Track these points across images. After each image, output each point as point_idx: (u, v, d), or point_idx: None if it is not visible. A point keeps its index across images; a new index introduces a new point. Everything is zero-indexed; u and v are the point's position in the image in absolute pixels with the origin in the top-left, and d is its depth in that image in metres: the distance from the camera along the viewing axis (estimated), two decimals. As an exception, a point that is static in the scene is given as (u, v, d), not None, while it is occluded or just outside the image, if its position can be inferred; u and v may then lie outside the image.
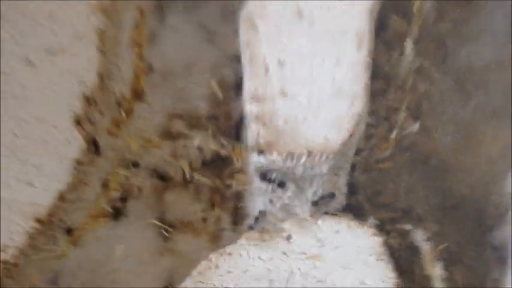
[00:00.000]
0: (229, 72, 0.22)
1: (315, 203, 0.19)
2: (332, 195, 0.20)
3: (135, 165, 0.22)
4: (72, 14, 0.19)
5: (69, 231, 0.18)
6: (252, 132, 0.19)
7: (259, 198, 0.20)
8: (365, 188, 0.21)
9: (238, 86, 0.21)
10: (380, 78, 0.22)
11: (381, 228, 0.18)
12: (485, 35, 0.21)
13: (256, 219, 0.22)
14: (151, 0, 0.22)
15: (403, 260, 0.17)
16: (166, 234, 0.19)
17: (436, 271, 0.17)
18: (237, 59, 0.21)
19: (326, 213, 0.20)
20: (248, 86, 0.20)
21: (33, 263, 0.19)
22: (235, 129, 0.21)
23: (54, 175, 0.18)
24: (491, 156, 0.21)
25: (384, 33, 0.21)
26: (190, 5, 0.24)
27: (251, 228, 0.21)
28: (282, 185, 0.20)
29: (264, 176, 0.20)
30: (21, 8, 0.19)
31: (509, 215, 0.19)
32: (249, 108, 0.20)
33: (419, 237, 0.18)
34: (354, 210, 0.21)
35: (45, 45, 0.19)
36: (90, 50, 0.19)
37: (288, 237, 0.18)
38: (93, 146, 0.19)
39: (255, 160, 0.19)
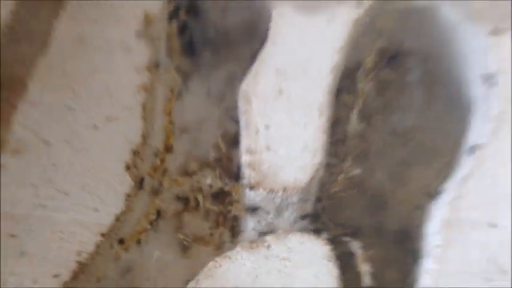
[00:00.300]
0: (231, 128, 0.30)
1: (290, 223, 0.27)
2: (302, 217, 0.28)
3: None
4: (124, 93, 0.27)
5: (121, 240, 0.26)
6: (246, 174, 0.27)
7: (250, 219, 0.27)
8: (326, 212, 0.29)
9: (237, 139, 0.29)
10: (337, 134, 0.30)
11: (332, 239, 0.26)
12: (409, 106, 0.29)
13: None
14: (179, 78, 0.30)
15: (344, 262, 0.24)
16: (186, 244, 0.27)
17: (365, 268, 0.24)
18: (236, 119, 0.29)
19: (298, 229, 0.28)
20: (244, 143, 0.27)
21: (97, 263, 0.26)
22: (235, 171, 0.28)
23: (112, 204, 0.26)
24: (416, 191, 0.29)
25: (338, 105, 0.28)
26: (203, 74, 0.32)
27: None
28: (266, 210, 0.28)
29: (254, 209, 0.27)
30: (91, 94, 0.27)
31: (424, 229, 0.27)
32: (244, 158, 0.27)
33: (356, 245, 0.25)
34: (318, 227, 0.29)
35: (105, 114, 0.27)
36: (136, 118, 0.27)
37: (268, 246, 0.25)
38: (139, 183, 0.27)
39: (248, 194, 0.27)
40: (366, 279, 0.24)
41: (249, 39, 0.32)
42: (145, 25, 0.29)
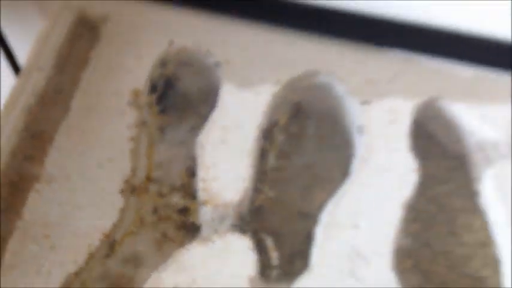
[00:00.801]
0: (191, 164, 0.43)
1: (228, 226, 0.39)
2: (237, 222, 0.40)
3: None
4: (120, 142, 0.40)
5: (115, 241, 0.39)
6: (200, 196, 0.40)
7: (203, 225, 0.40)
8: (253, 219, 0.42)
9: (195, 172, 0.42)
10: (261, 167, 0.43)
11: (254, 237, 0.39)
12: (308, 149, 0.43)
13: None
14: (157, 132, 0.43)
15: (261, 251, 0.37)
16: (160, 242, 0.39)
17: (274, 255, 0.37)
18: (195, 159, 0.42)
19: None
20: (199, 174, 0.40)
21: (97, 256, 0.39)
22: (193, 194, 0.41)
23: (111, 215, 0.38)
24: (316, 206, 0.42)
25: (262, 149, 0.42)
26: (174, 128, 0.45)
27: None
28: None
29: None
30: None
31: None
32: (199, 185, 0.40)
33: (270, 240, 0.38)
34: (247, 229, 0.41)
35: (107, 157, 0.39)
36: (127, 159, 0.40)
37: (213, 242, 0.38)
38: (128, 201, 0.39)
39: (201, 208, 0.40)
40: (274, 261, 0.37)
41: (205, 103, 0.46)
42: (134, 97, 0.43)
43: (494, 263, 0.39)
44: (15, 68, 0.58)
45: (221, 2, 0.47)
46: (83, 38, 0.47)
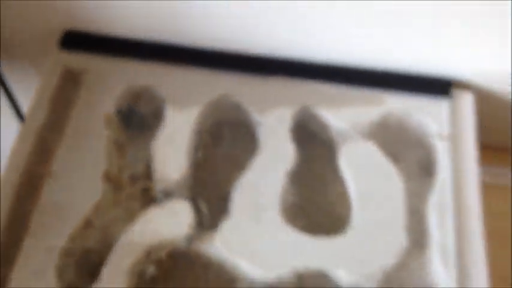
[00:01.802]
0: (150, 160, 0.60)
1: (175, 198, 0.57)
2: (178, 194, 0.57)
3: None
4: (100, 149, 0.59)
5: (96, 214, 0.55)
6: (155, 179, 0.57)
7: (158, 198, 0.57)
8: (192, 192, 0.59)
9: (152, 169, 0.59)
10: (195, 160, 0.62)
11: (193, 204, 0.56)
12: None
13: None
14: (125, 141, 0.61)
15: (198, 214, 0.57)
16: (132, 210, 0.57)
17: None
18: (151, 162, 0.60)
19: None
20: (157, 169, 0.57)
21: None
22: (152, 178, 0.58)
23: (95, 195, 0.56)
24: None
25: (195, 150, 0.62)
26: (136, 137, 0.63)
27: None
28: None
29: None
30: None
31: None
32: (156, 175, 0.55)
33: (204, 205, 0.57)
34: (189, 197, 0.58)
35: (93, 160, 0.58)
36: (105, 161, 0.59)
37: (166, 207, 0.56)
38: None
39: (158, 186, 0.57)
40: (205, 215, 0.56)
41: (156, 121, 0.59)
42: (107, 121, 0.60)
43: (348, 206, 0.58)
44: (21, 117, 0.72)
45: (165, 54, 0.66)
46: (68, 86, 0.65)
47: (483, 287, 0.51)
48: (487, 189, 0.56)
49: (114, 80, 0.60)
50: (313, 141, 0.60)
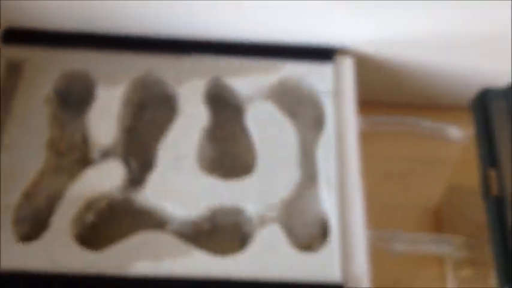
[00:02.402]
0: (86, 131, 0.72)
1: (109, 158, 0.68)
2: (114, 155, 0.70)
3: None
4: (43, 124, 0.69)
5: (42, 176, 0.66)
6: (92, 145, 0.69)
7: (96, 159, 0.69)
8: (123, 152, 0.72)
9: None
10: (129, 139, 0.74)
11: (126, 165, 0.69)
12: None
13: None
14: (65, 117, 0.73)
15: (128, 168, 0.68)
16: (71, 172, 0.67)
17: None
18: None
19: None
20: (90, 135, 0.70)
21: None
22: (89, 144, 0.70)
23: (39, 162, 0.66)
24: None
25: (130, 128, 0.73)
26: (73, 113, 0.75)
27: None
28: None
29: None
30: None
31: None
32: (91, 141, 0.70)
33: (133, 161, 0.69)
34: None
35: (38, 132, 0.69)
36: (48, 133, 0.69)
37: (101, 166, 0.67)
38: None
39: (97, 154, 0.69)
40: (135, 171, 0.67)
41: (88, 98, 0.65)
42: (47, 100, 0.70)
43: (254, 155, 0.70)
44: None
45: (94, 42, 0.76)
46: (13, 74, 0.72)
47: (358, 206, 0.64)
48: (364, 135, 0.70)
49: (51, 67, 0.67)
50: (223, 105, 0.70)
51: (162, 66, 0.69)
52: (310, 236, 0.62)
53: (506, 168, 0.53)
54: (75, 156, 0.66)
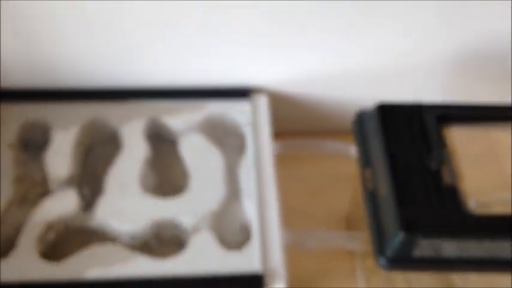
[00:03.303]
0: (44, 170, 0.85)
1: (65, 188, 0.81)
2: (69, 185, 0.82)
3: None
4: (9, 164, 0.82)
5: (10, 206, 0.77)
6: (50, 179, 0.82)
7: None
8: (78, 182, 0.85)
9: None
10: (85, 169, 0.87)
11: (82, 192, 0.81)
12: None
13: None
14: (25, 159, 0.85)
15: (82, 195, 0.81)
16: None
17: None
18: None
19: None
20: (48, 173, 0.83)
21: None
22: (47, 181, 0.83)
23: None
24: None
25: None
26: (33, 156, 0.88)
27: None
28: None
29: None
30: None
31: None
32: (49, 177, 0.82)
33: (86, 189, 0.82)
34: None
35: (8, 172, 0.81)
36: (14, 172, 0.82)
37: (58, 195, 0.80)
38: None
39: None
40: (88, 197, 0.80)
41: (46, 142, 0.87)
42: (11, 147, 0.83)
43: (187, 178, 0.84)
44: None
45: (48, 95, 0.90)
46: None
47: (275, 213, 0.78)
48: (281, 158, 0.84)
49: (13, 118, 0.77)
50: (161, 140, 0.79)
51: (107, 111, 0.78)
52: (236, 239, 0.75)
53: (377, 168, 0.69)
54: (38, 191, 0.74)
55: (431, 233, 0.54)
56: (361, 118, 0.74)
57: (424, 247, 0.55)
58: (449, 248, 0.54)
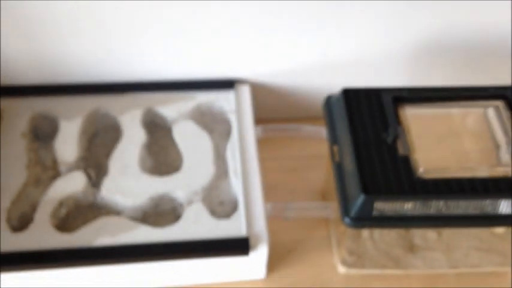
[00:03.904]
0: (55, 155, 0.96)
1: (74, 170, 0.91)
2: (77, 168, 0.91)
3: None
4: (23, 155, 0.92)
5: (25, 187, 0.88)
6: (59, 163, 0.92)
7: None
8: (84, 165, 0.95)
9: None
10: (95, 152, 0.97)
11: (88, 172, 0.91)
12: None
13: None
14: (37, 147, 0.96)
15: (89, 177, 0.91)
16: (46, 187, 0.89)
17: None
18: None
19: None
20: (58, 157, 0.93)
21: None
22: (57, 163, 0.93)
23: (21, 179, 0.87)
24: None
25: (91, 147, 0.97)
26: (43, 144, 0.98)
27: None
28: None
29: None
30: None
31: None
32: (59, 160, 0.93)
33: (91, 171, 0.92)
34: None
35: (19, 160, 0.91)
36: (27, 160, 0.91)
37: (67, 176, 0.90)
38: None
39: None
40: (94, 179, 0.90)
41: (53, 132, 0.95)
42: (23, 136, 0.94)
43: (181, 159, 0.96)
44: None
45: (55, 90, 1.01)
46: None
47: (258, 188, 0.89)
48: (262, 141, 0.87)
49: (24, 111, 0.83)
50: (156, 126, 0.87)
51: (108, 103, 0.85)
52: (225, 211, 0.78)
53: (343, 144, 0.80)
54: (50, 174, 0.81)
55: (387, 194, 0.64)
56: (329, 102, 0.85)
57: (382, 207, 0.65)
58: (404, 207, 0.64)
